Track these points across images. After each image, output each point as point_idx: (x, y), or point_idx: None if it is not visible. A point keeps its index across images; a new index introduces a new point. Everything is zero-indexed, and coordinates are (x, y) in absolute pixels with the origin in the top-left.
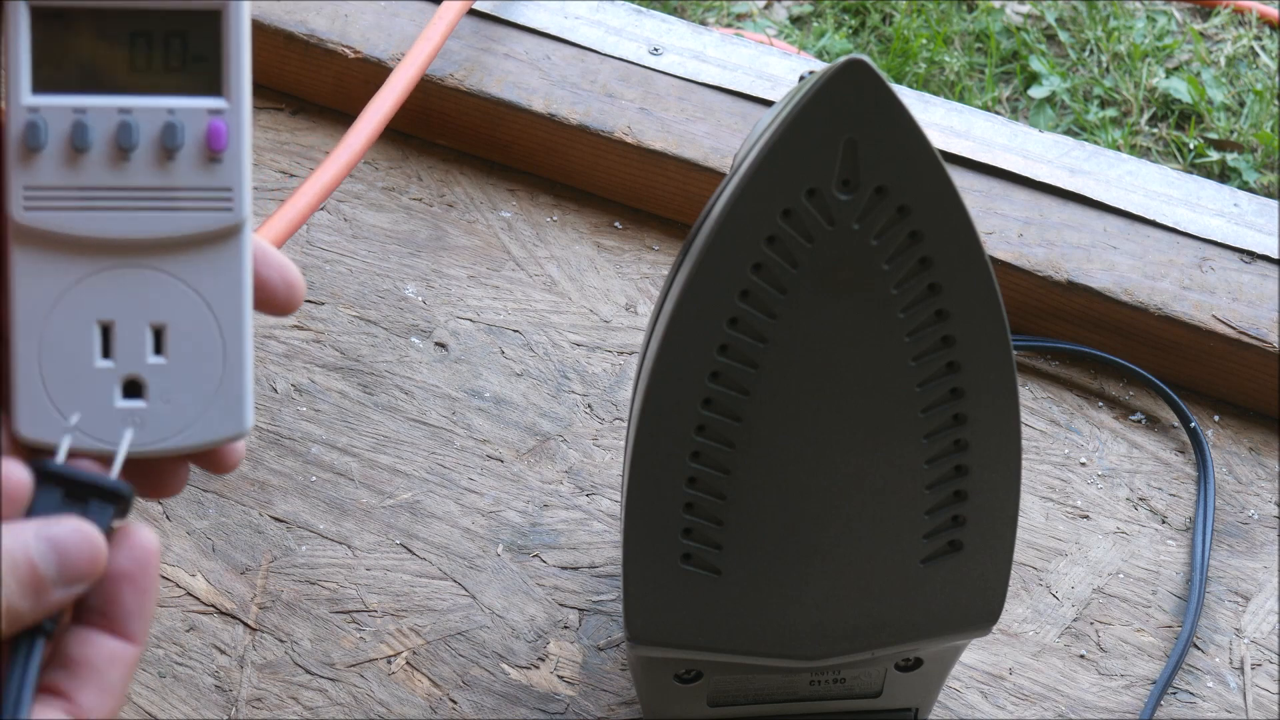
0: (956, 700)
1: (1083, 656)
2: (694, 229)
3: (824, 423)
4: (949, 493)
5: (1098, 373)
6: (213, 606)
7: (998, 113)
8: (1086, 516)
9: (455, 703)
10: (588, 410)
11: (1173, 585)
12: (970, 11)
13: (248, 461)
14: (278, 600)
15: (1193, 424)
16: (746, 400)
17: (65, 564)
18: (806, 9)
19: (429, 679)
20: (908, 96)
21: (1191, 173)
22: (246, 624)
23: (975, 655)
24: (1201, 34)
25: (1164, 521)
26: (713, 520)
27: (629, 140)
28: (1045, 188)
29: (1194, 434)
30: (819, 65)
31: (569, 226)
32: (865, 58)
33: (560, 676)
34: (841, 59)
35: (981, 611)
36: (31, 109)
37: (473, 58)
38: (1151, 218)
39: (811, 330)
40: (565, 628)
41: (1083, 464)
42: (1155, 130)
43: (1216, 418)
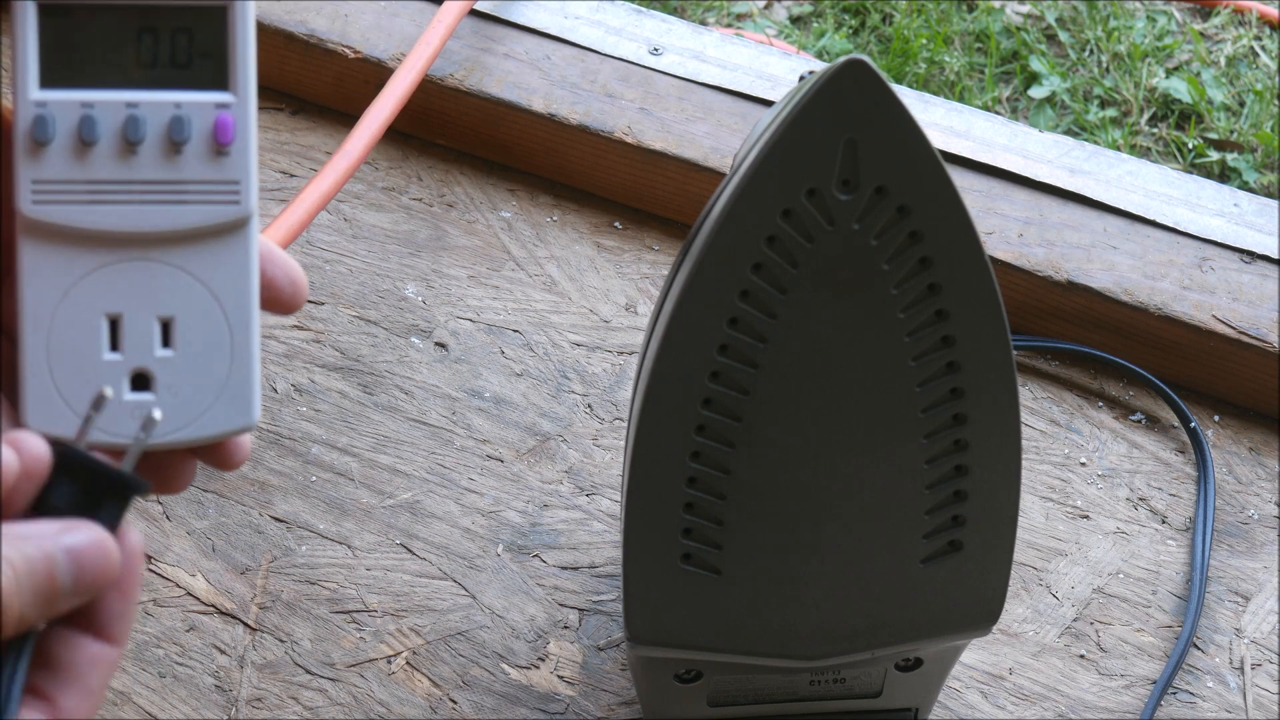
0: (956, 700)
1: (1083, 656)
2: (694, 229)
3: (824, 423)
4: (949, 493)
5: (1098, 373)
6: (213, 606)
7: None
8: (1086, 516)
9: (455, 703)
10: (588, 410)
11: (1173, 585)
12: (970, 11)
13: (248, 461)
14: (278, 600)
15: (1193, 424)
16: (746, 400)
17: (81, 576)
18: (806, 9)
19: (429, 679)
20: (908, 96)
21: (1191, 173)
22: (246, 624)
23: (975, 655)
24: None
25: (1164, 521)
26: (713, 520)
27: (629, 140)
28: (1045, 188)
29: (1194, 434)
30: (819, 65)
31: (569, 226)
32: (865, 58)
33: (560, 676)
34: (841, 59)
35: (981, 611)
36: (39, 103)
37: (473, 58)
38: (1151, 218)
39: (811, 330)
40: (565, 628)
41: (1083, 464)
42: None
43: (1216, 418)
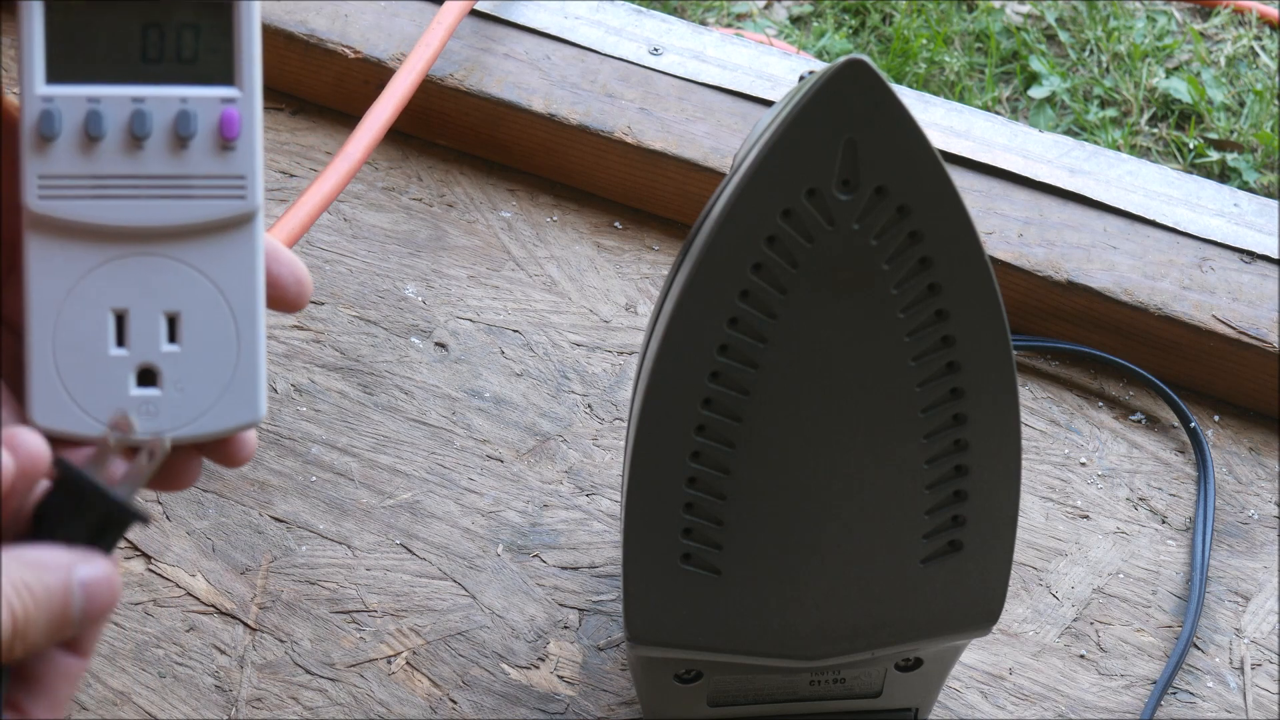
0: (956, 700)
1: (1083, 656)
2: (694, 229)
3: (824, 423)
4: (949, 493)
5: (1098, 373)
6: (213, 606)
7: (998, 113)
8: (1086, 516)
9: (455, 703)
10: (588, 410)
11: (1173, 585)
12: (970, 11)
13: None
14: (278, 600)
15: (1193, 424)
16: (746, 400)
17: (89, 608)
18: (806, 9)
19: (429, 679)
20: (908, 96)
21: (1191, 173)
22: (246, 624)
23: (975, 655)
24: (1201, 34)
25: (1164, 521)
26: (713, 520)
27: (629, 140)
28: (1045, 188)
29: (1194, 434)
30: (819, 65)
31: (569, 226)
32: (865, 58)
33: (560, 676)
34: (841, 59)
35: (981, 611)
36: (46, 98)
37: (473, 58)
38: (1151, 218)
39: (811, 330)
40: (565, 628)
41: (1083, 464)
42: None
43: (1216, 418)
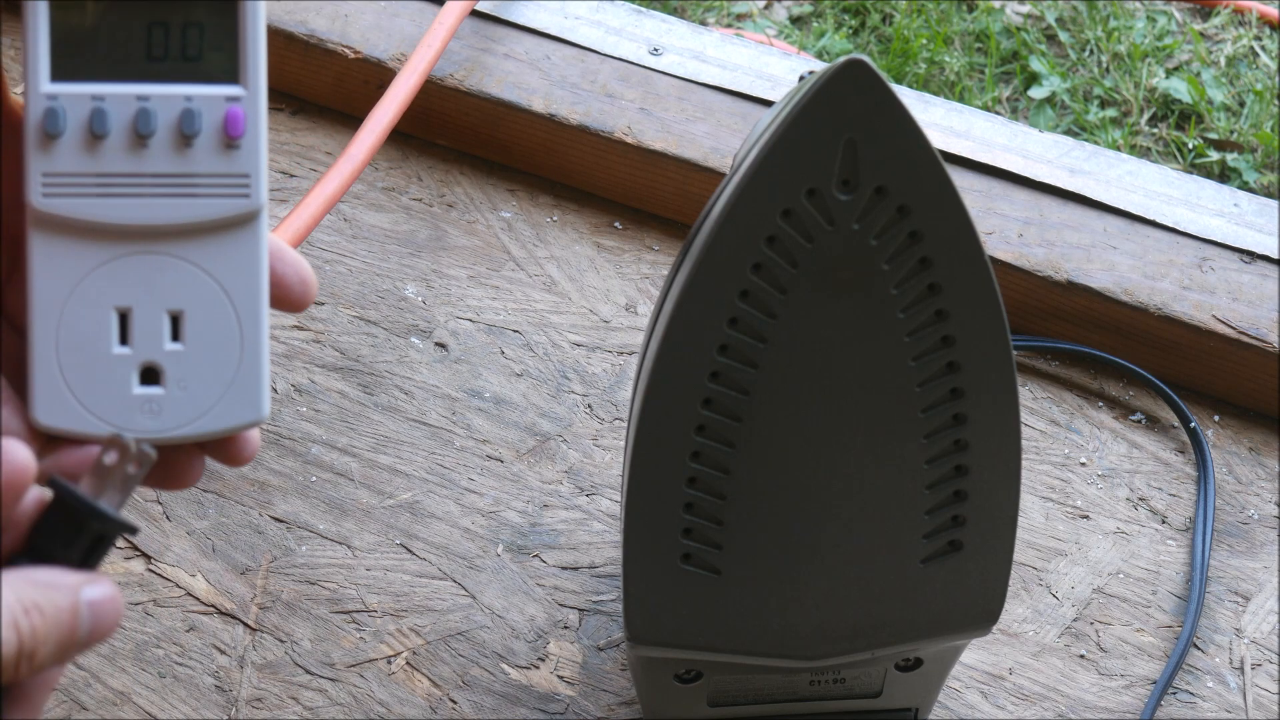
0: (956, 700)
1: (1083, 656)
2: (694, 229)
3: (824, 423)
4: (949, 492)
5: (1098, 373)
6: (213, 606)
7: (998, 113)
8: (1086, 516)
9: (455, 703)
10: (588, 410)
11: (1173, 585)
12: (970, 11)
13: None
14: (278, 600)
15: (1193, 424)
16: (746, 400)
17: (94, 629)
18: (806, 9)
19: (429, 679)
20: (908, 96)
21: (1191, 173)
22: (246, 624)
23: (975, 655)
24: (1201, 34)
25: (1164, 521)
26: (713, 520)
27: (629, 140)
28: (1045, 188)
29: (1194, 434)
30: (819, 65)
31: (569, 226)
32: (865, 58)
33: (560, 676)
34: (841, 59)
35: (981, 611)
36: (50, 96)
37: (473, 58)
38: (1151, 218)
39: (811, 330)
40: (565, 628)
41: (1083, 464)
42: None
43: (1216, 418)
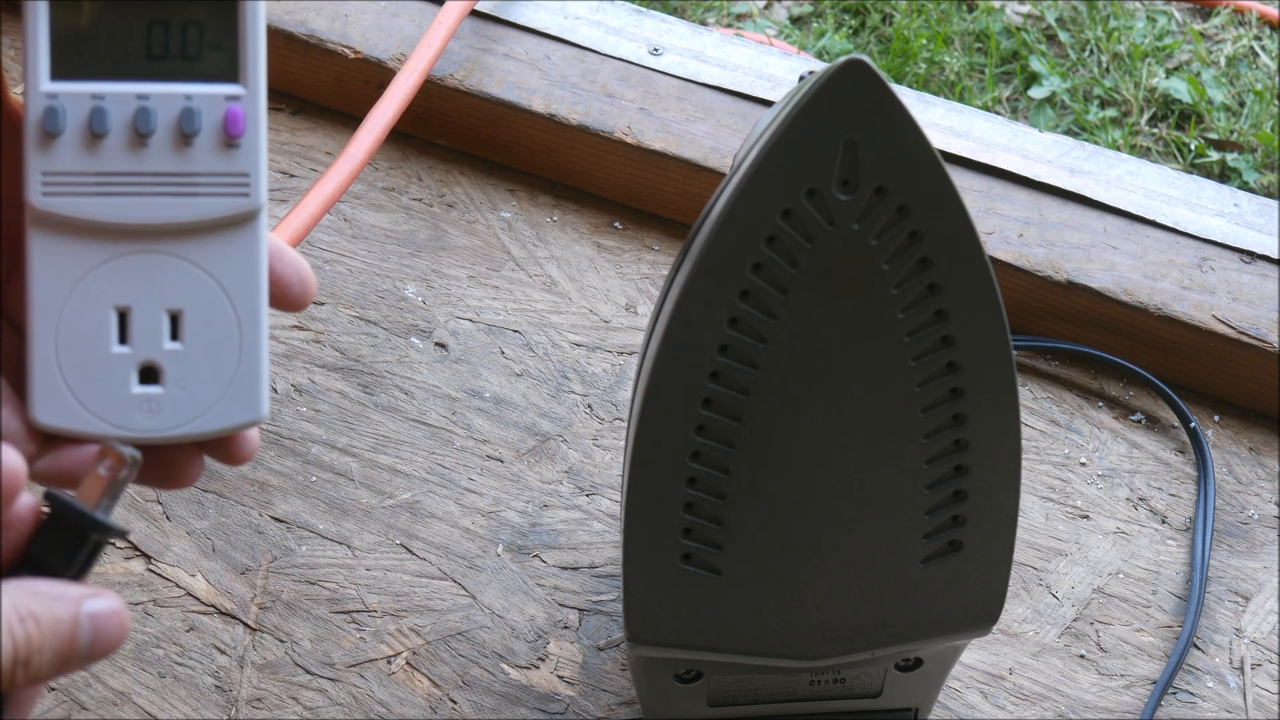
0: (956, 700)
1: (1083, 656)
2: (694, 229)
3: (824, 423)
4: (949, 492)
5: (1098, 373)
6: (213, 606)
7: (998, 113)
8: (1086, 516)
9: (455, 703)
10: (588, 410)
11: (1173, 585)
12: (970, 11)
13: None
14: (278, 600)
15: (1193, 424)
16: (746, 400)
17: (95, 642)
18: (806, 9)
19: (429, 679)
20: (908, 96)
21: (1191, 173)
22: (246, 624)
23: (975, 655)
24: (1201, 34)
25: (1164, 521)
26: (713, 520)
27: (629, 140)
28: (1045, 188)
29: (1194, 434)
30: (819, 65)
31: (569, 226)
32: (865, 58)
33: (560, 676)
34: (841, 59)
35: (981, 611)
36: (50, 95)
37: (473, 58)
38: (1151, 218)
39: (811, 330)
40: (565, 628)
41: (1083, 464)
42: (1155, 130)
43: (1216, 418)
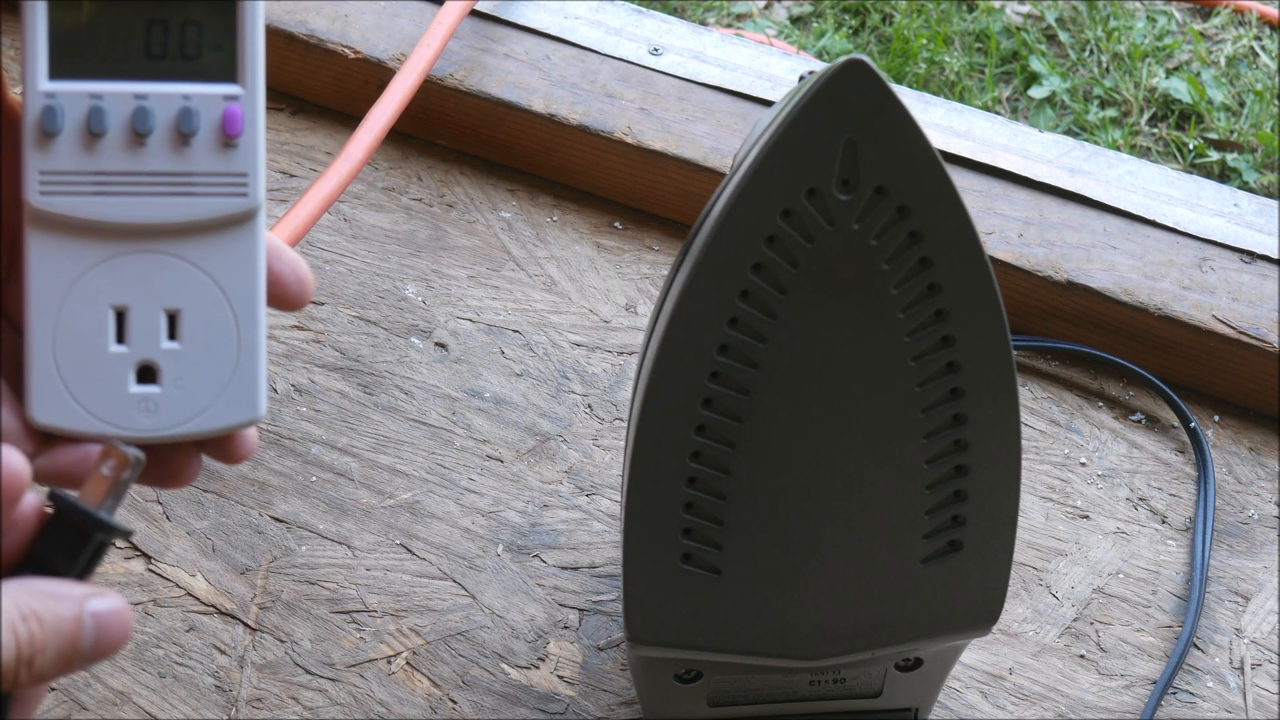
0: (956, 700)
1: (1083, 656)
2: (694, 229)
3: (824, 423)
4: (949, 492)
5: (1098, 373)
6: (213, 606)
7: (998, 113)
8: (1086, 516)
9: (455, 703)
10: (588, 410)
11: (1173, 585)
12: (970, 11)
13: (248, 461)
14: (278, 600)
15: (1193, 424)
16: (746, 400)
17: (99, 642)
18: (806, 9)
19: (429, 679)
20: (908, 96)
21: (1191, 173)
22: (246, 624)
23: (975, 655)
24: (1201, 34)
25: (1164, 521)
26: (713, 520)
27: (629, 140)
28: (1045, 188)
29: (1194, 434)
30: (819, 65)
31: (569, 226)
32: (865, 58)
33: (560, 676)
34: (841, 59)
35: (981, 611)
36: (48, 94)
37: (473, 58)
38: (1151, 218)
39: (811, 330)
40: (565, 628)
41: (1083, 464)
42: (1155, 130)
43: (1216, 418)
